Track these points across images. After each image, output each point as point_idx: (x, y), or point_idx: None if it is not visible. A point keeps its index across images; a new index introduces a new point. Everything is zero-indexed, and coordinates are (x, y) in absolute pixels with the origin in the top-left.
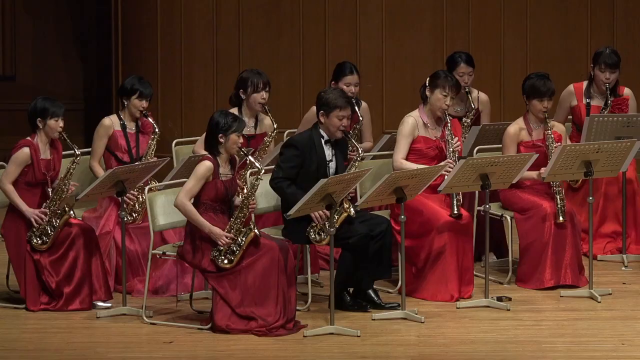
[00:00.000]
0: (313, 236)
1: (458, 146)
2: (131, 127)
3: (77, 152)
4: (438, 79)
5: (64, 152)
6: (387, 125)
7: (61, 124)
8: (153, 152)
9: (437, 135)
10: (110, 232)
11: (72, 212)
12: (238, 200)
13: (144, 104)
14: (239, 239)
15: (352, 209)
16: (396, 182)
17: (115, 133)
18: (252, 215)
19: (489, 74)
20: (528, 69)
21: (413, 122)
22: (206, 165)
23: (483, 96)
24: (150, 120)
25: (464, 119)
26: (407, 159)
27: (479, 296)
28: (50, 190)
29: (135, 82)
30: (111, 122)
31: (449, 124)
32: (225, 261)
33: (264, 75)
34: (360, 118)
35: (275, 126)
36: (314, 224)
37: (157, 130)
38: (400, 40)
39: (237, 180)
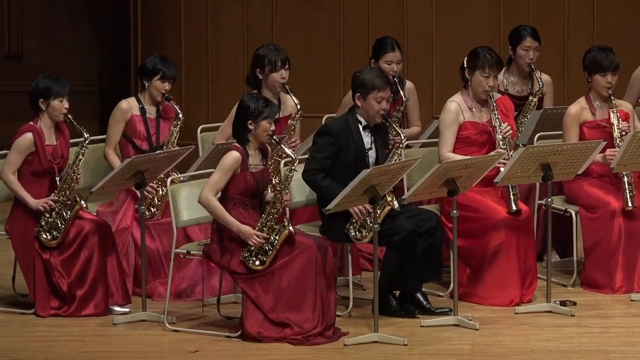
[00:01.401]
0: (353, 233)
1: (509, 132)
2: (151, 112)
3: (85, 136)
4: (477, 58)
5: (72, 140)
6: (437, 110)
7: (66, 104)
8: (175, 141)
9: (486, 119)
10: (128, 229)
11: (83, 203)
12: (270, 194)
13: (167, 86)
14: (272, 238)
15: (395, 202)
16: (448, 173)
17: (133, 118)
18: (286, 211)
19: (552, 53)
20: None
21: (456, 108)
22: (233, 156)
23: (546, 77)
24: (173, 104)
25: (530, 98)
26: (454, 150)
27: (541, 300)
28: (58, 179)
29: (157, 61)
30: (129, 105)
31: (495, 109)
32: (257, 262)
33: (282, 51)
34: (405, 99)
35: (299, 106)
36: (353, 220)
37: (180, 116)
38: (453, 14)
39: (269, 172)
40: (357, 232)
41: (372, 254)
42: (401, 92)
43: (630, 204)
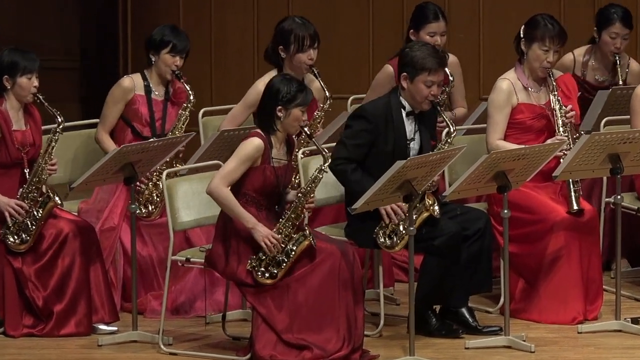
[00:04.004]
0: (382, 240)
1: (572, 115)
2: (159, 92)
3: (59, 120)
4: (536, 28)
5: (45, 127)
6: (485, 90)
7: (35, 82)
8: (183, 127)
9: (544, 100)
10: (115, 230)
11: (58, 199)
12: (292, 194)
13: (178, 61)
14: (289, 248)
15: (436, 208)
16: (497, 165)
17: (135, 98)
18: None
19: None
20: None
21: (509, 87)
22: (255, 143)
23: (634, 65)
24: (184, 84)
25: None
26: (506, 138)
27: (608, 317)
28: (27, 172)
29: (166, 32)
30: (132, 83)
31: (555, 90)
32: (267, 275)
33: (311, 27)
34: (451, 78)
35: (328, 95)
36: (383, 224)
37: (191, 98)
38: None
39: (292, 169)
40: (387, 239)
41: (408, 261)
42: (447, 71)
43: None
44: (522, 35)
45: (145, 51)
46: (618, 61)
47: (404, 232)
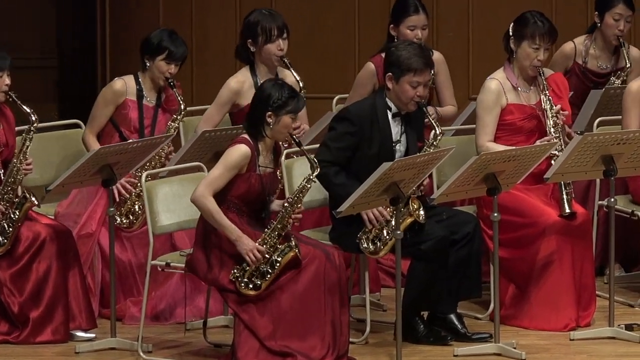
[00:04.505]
0: (365, 245)
1: (565, 116)
2: (150, 98)
3: (33, 118)
4: (525, 25)
5: (18, 128)
6: (475, 89)
7: (7, 80)
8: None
9: (534, 100)
10: (94, 235)
11: (34, 199)
12: (277, 203)
13: (172, 69)
14: (273, 259)
15: (421, 212)
16: (487, 167)
17: (126, 102)
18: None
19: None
20: None
21: (497, 87)
22: (242, 151)
23: (635, 51)
24: (177, 94)
25: (612, 79)
26: (496, 139)
27: (601, 324)
28: (1, 173)
29: (164, 37)
30: (124, 86)
31: (546, 89)
32: (250, 286)
33: (278, 17)
34: (432, 73)
35: (301, 84)
36: (366, 229)
37: (182, 107)
38: None
39: (278, 177)
40: (371, 244)
41: (394, 266)
42: None
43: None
44: (511, 33)
45: (140, 54)
46: (623, 44)
47: (387, 237)
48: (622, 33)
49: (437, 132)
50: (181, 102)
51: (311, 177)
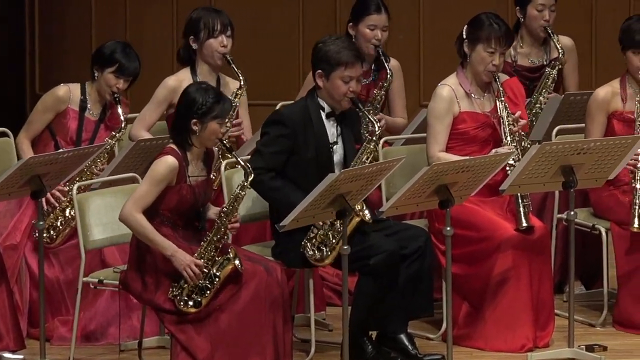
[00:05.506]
0: (311, 253)
1: (523, 124)
2: (94, 111)
3: None
4: (480, 28)
5: None
6: (426, 96)
7: None
8: (107, 157)
9: (489, 107)
10: (18, 248)
11: None
12: (212, 212)
13: (121, 84)
14: (212, 273)
15: (367, 212)
16: (439, 178)
17: (67, 111)
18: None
19: (576, 17)
20: (632, 9)
21: (450, 94)
22: (168, 163)
23: (566, 40)
24: (120, 110)
25: (547, 70)
26: (448, 149)
27: (561, 344)
28: None
29: (117, 49)
30: (68, 94)
31: (502, 95)
32: (190, 303)
33: (222, 13)
34: (390, 74)
35: (242, 78)
36: (311, 234)
37: (123, 125)
38: None
39: (212, 185)
40: (317, 251)
41: (341, 283)
42: (387, 66)
43: (636, 225)
44: (464, 36)
45: (90, 63)
46: (551, 34)
47: (334, 241)
48: (548, 23)
49: (376, 128)
50: (123, 119)
51: (245, 183)
